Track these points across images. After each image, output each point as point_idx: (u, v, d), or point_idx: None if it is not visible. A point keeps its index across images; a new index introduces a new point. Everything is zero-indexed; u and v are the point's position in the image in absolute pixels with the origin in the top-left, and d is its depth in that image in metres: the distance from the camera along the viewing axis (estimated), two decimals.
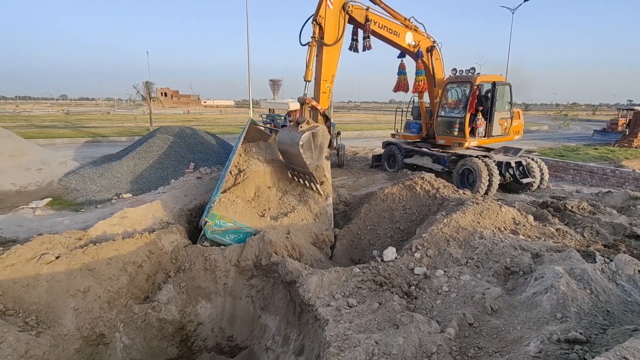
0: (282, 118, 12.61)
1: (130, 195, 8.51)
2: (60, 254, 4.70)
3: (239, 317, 5.66)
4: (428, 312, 4.08)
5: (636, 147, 20.03)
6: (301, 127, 6.76)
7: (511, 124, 10.47)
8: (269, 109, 13.84)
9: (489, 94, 10.00)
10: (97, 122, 34.44)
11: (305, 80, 7.21)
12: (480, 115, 9.81)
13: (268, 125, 11.48)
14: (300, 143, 6.57)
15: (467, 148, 10.24)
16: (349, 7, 7.53)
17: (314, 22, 7.03)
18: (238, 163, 7.33)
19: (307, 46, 7.32)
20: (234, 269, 5.80)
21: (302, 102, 7.29)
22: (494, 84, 9.78)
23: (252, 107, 26.15)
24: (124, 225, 6.04)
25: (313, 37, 7.08)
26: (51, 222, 6.92)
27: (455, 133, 10.10)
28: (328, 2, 7.06)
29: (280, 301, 5.50)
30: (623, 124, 26.09)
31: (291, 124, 7.11)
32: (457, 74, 10.21)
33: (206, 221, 5.92)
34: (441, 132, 10.55)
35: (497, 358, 3.19)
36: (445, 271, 4.63)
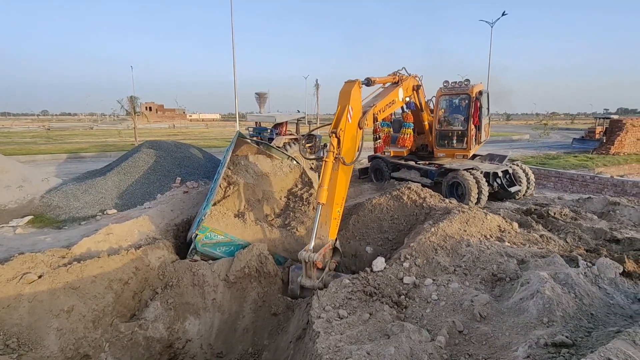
0: (269, 131, 12.64)
1: (115, 211, 8.36)
2: (42, 272, 4.58)
3: (228, 332, 5.57)
4: (418, 321, 4.10)
5: (613, 154, 20.70)
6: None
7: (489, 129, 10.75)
8: (256, 122, 13.89)
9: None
10: (80, 137, 33.89)
11: (318, 203, 5.63)
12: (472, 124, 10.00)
13: (254, 139, 11.50)
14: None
15: (454, 160, 10.40)
16: (363, 123, 6.63)
17: (333, 135, 5.91)
18: (227, 176, 7.32)
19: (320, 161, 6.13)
20: (223, 284, 5.73)
21: (307, 261, 5.31)
22: (480, 93, 10.01)
23: (239, 120, 26.17)
24: (109, 242, 5.93)
25: (330, 151, 5.86)
26: (33, 240, 6.74)
27: (458, 144, 10.22)
28: (349, 115, 6.11)
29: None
30: (600, 132, 26.96)
31: (298, 288, 5.57)
32: (450, 85, 10.31)
33: (197, 234, 5.87)
34: (441, 145, 10.58)
35: None
36: (434, 280, 4.68)
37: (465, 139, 10.11)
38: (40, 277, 4.48)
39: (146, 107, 76.97)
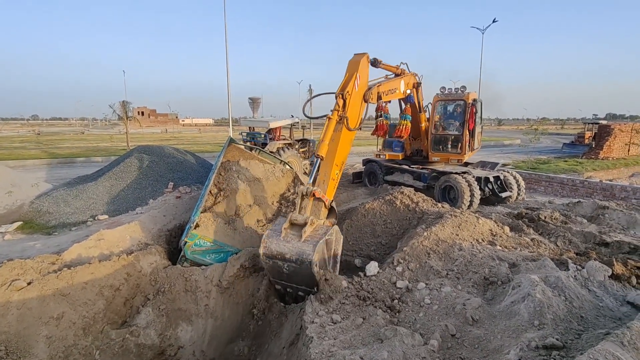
0: (262, 136, 12.64)
1: (106, 216, 8.27)
2: (32, 279, 4.51)
3: (221, 338, 5.53)
4: (411, 325, 4.11)
5: (602, 159, 21.03)
6: (304, 231, 4.69)
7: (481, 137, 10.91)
8: (249, 127, 13.89)
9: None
10: (71, 142, 33.54)
11: (316, 156, 5.64)
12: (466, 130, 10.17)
13: (248, 144, 11.49)
14: (315, 261, 4.51)
15: (447, 164, 10.53)
16: (369, 94, 6.79)
17: (340, 96, 5.97)
18: (218, 182, 7.29)
19: (324, 119, 6.14)
20: (216, 289, 5.69)
21: (304, 193, 5.17)
22: (475, 100, 10.20)
23: (232, 125, 26.14)
24: (100, 248, 5.86)
25: (335, 110, 5.91)
26: (22, 246, 6.64)
27: (453, 149, 10.38)
28: (356, 82, 6.20)
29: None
30: (589, 137, 27.44)
31: (285, 225, 4.83)
32: (446, 92, 10.53)
33: (186, 241, 5.83)
34: (436, 149, 10.74)
35: None
36: (426, 284, 4.70)
37: (460, 144, 10.27)
38: (29, 283, 4.42)
39: (138, 112, 76.51)
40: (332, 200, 5.64)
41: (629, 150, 23.13)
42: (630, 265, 4.72)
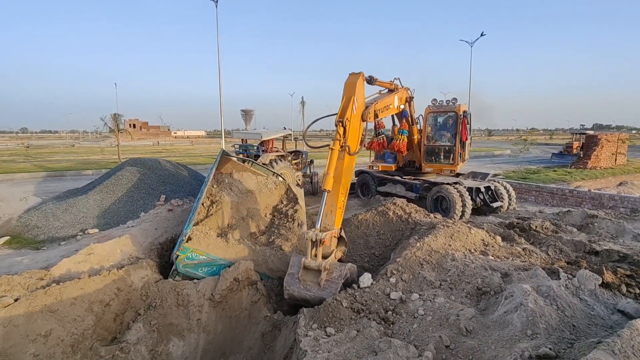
0: (255, 148, 12.66)
1: (96, 230, 8.16)
2: (19, 296, 4.41)
3: (214, 353, 5.44)
4: (405, 336, 4.09)
5: (590, 169, 21.38)
6: (321, 278, 5.14)
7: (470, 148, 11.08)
8: (242, 139, 13.91)
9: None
10: (61, 155, 33.19)
11: (324, 190, 5.70)
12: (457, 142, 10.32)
13: (240, 156, 11.49)
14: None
15: (439, 175, 10.64)
16: (366, 114, 6.75)
17: (339, 124, 5.96)
18: (210, 194, 7.26)
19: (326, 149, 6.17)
20: (208, 303, 5.62)
21: (314, 240, 5.31)
22: (465, 112, 10.38)
23: (225, 137, 26.13)
24: (90, 262, 5.77)
25: (337, 139, 5.92)
26: (9, 262, 6.50)
27: (445, 160, 10.51)
28: (354, 106, 6.19)
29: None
30: (577, 147, 27.91)
31: (301, 270, 5.29)
32: (437, 104, 10.70)
33: (178, 255, 5.77)
34: (429, 161, 10.86)
35: None
36: (420, 294, 4.70)
37: (452, 155, 10.40)
38: (16, 300, 4.32)
39: (130, 124, 76.21)
40: (341, 229, 5.94)
41: (616, 160, 23.57)
42: (620, 274, 4.79)
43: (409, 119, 10.27)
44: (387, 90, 8.85)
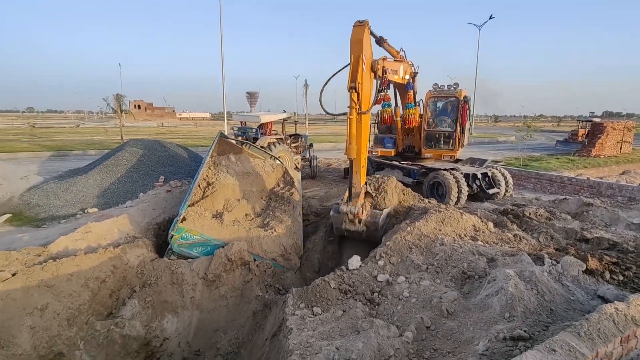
0: (254, 130, 12.67)
1: (96, 209, 8.31)
2: (17, 271, 4.56)
3: (206, 330, 5.61)
4: (389, 317, 4.20)
5: (594, 157, 21.20)
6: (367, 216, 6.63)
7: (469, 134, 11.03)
8: (241, 122, 13.91)
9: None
10: (66, 135, 33.38)
11: (349, 158, 6.42)
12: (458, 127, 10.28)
13: (239, 138, 11.51)
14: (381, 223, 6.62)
15: (437, 161, 10.63)
16: (376, 65, 6.73)
17: (352, 90, 5.98)
18: (207, 176, 7.34)
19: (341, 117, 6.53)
20: (202, 282, 5.77)
21: (354, 214, 6.49)
22: (466, 97, 10.28)
23: (227, 119, 26.09)
24: (87, 240, 5.91)
25: (352, 107, 6.07)
26: (10, 238, 6.68)
27: (445, 145, 10.48)
28: (363, 65, 6.10)
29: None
30: (583, 134, 27.59)
31: (347, 213, 6.55)
32: (439, 88, 10.58)
33: (172, 234, 5.89)
34: (429, 146, 10.83)
35: (449, 358, 3.35)
36: (406, 277, 4.80)
37: (453, 140, 10.36)
38: (14, 275, 4.47)
39: (135, 105, 76.15)
40: (366, 184, 7.02)
41: (621, 148, 23.32)
42: (606, 261, 4.84)
43: (414, 93, 10.19)
44: (392, 59, 8.59)
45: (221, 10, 23.23)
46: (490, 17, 35.13)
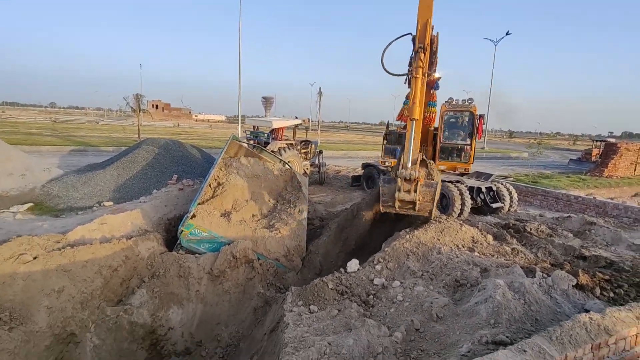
0: (265, 135, 13.02)
1: (111, 203, 8.70)
2: (37, 254, 4.92)
3: (209, 323, 5.88)
4: (382, 318, 4.41)
5: (606, 177, 20.95)
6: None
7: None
8: (253, 126, 14.30)
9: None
10: (85, 131, 34.40)
11: (411, 119, 6.29)
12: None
13: (251, 142, 11.87)
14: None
15: (443, 173, 10.79)
16: (433, 40, 6.72)
17: (421, 49, 6.02)
18: (218, 176, 7.66)
19: (403, 77, 6.53)
20: (207, 277, 6.06)
21: (409, 179, 6.24)
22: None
23: (241, 123, 26.63)
24: (102, 231, 6.26)
25: (419, 66, 6.11)
26: (31, 226, 7.07)
27: (460, 158, 10.73)
28: (431, 31, 6.16)
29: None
30: (596, 154, 27.28)
31: (404, 178, 6.31)
32: (453, 103, 10.81)
33: (182, 230, 6.20)
34: (443, 158, 11.02)
35: (434, 358, 3.54)
36: (401, 282, 5.00)
37: (467, 153, 10.56)
38: (35, 258, 4.82)
39: (153, 105, 77.75)
40: (420, 151, 6.87)
41: (635, 170, 22.99)
42: (598, 277, 4.96)
43: (435, 95, 10.34)
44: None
45: (241, 17, 23.86)
46: (507, 34, 35.20)
